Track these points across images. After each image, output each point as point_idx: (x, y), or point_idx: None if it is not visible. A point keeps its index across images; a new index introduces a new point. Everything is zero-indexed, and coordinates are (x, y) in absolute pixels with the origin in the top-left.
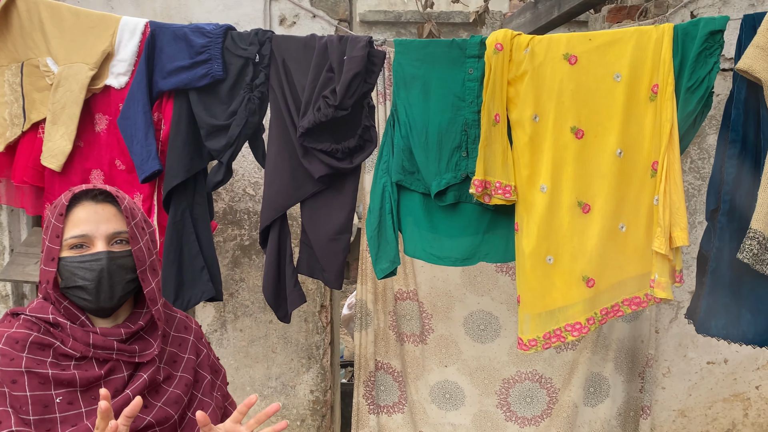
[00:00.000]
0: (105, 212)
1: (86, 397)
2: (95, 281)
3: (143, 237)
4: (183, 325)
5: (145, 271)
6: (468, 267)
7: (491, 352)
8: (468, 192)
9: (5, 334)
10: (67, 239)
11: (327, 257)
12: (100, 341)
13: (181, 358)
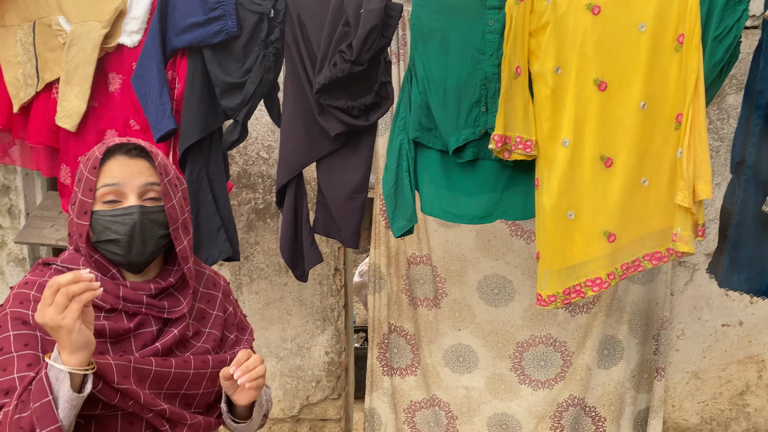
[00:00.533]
0: (138, 166)
1: (116, 349)
2: (127, 235)
3: (176, 194)
4: (212, 281)
5: (178, 229)
6: (482, 231)
7: (505, 316)
8: (487, 148)
9: (38, 282)
10: (99, 189)
11: (343, 216)
12: (130, 294)
13: (209, 315)
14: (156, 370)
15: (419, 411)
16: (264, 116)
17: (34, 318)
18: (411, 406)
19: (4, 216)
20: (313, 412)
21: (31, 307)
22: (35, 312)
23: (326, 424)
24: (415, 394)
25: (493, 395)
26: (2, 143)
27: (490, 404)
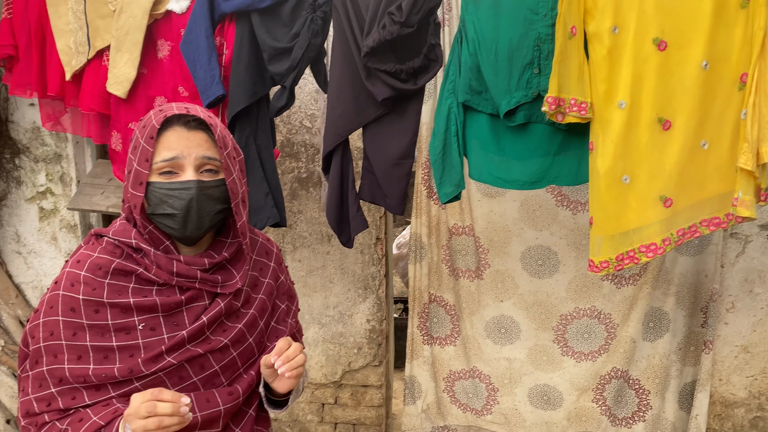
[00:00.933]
0: (197, 138)
1: (168, 322)
2: (184, 210)
3: (235, 167)
4: (265, 249)
5: (238, 204)
6: (527, 201)
7: (549, 288)
8: (539, 111)
9: (89, 260)
10: (156, 163)
11: (389, 183)
12: (184, 270)
13: (261, 283)
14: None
15: (458, 381)
16: (307, 85)
17: (83, 302)
18: (450, 375)
19: (56, 184)
20: (354, 378)
21: (81, 290)
22: (85, 295)
23: (367, 390)
24: (454, 364)
25: (535, 366)
26: (54, 111)
27: (531, 375)
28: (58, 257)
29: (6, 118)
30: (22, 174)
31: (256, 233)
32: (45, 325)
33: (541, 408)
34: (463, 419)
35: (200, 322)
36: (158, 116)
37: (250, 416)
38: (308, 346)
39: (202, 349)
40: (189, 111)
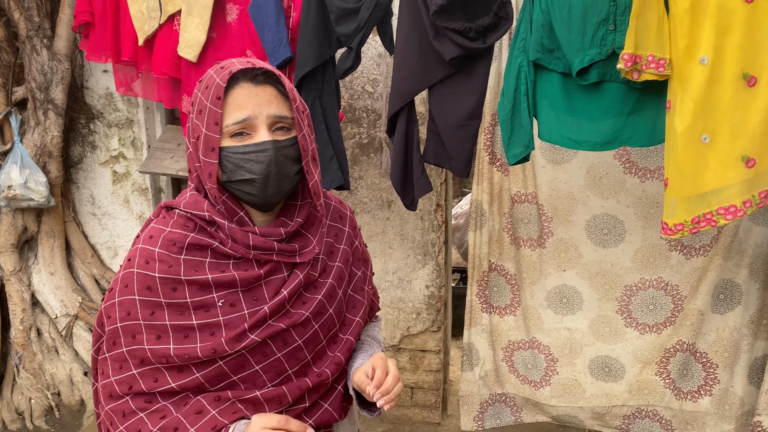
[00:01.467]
0: (266, 94)
1: (248, 297)
2: (263, 174)
3: (304, 123)
4: (338, 213)
5: (309, 161)
6: (593, 168)
7: (613, 257)
8: (614, 69)
9: (162, 236)
10: (228, 125)
11: (455, 144)
12: (260, 242)
13: (337, 250)
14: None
15: (517, 351)
16: (370, 49)
17: (159, 280)
18: (509, 345)
19: (128, 148)
20: (413, 343)
21: (157, 268)
22: (161, 273)
23: (426, 354)
24: (513, 333)
25: (596, 337)
26: (126, 77)
27: (592, 346)
28: (130, 219)
29: (81, 85)
30: (97, 139)
31: (327, 196)
32: (121, 304)
33: (602, 380)
34: (521, 390)
35: (281, 296)
36: (222, 74)
37: (339, 393)
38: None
39: (284, 323)
40: (254, 64)
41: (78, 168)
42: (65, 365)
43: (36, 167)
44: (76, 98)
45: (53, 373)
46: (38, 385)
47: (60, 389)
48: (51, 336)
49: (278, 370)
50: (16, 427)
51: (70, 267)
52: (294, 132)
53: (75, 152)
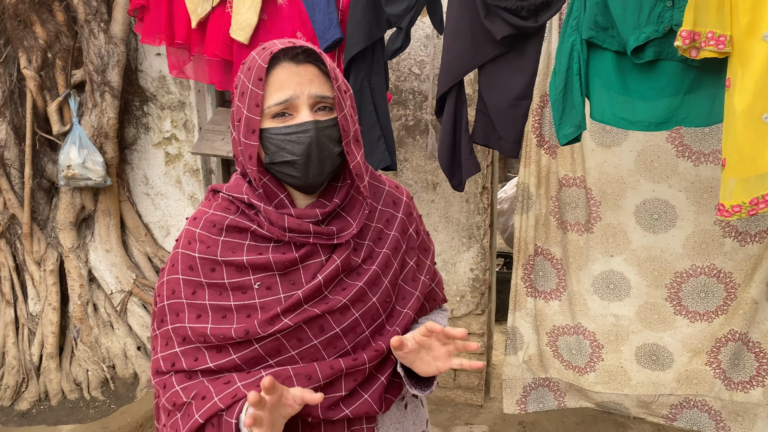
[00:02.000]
0: (308, 74)
1: (285, 281)
2: (304, 155)
3: (346, 102)
4: (392, 198)
5: (350, 142)
6: (644, 151)
7: (664, 243)
8: (670, 47)
9: (204, 217)
10: (269, 107)
11: (504, 124)
12: (295, 224)
13: (386, 236)
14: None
15: (562, 336)
16: (417, 30)
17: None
18: (554, 330)
19: (180, 130)
20: (457, 326)
21: (197, 248)
22: (200, 253)
23: (469, 338)
24: (558, 319)
25: (644, 325)
26: (179, 59)
27: (640, 334)
28: (182, 199)
29: (136, 68)
30: (150, 121)
31: (381, 180)
32: (168, 283)
33: (649, 368)
34: (565, 375)
35: (316, 281)
36: (263, 54)
37: (380, 384)
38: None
39: (320, 309)
40: (294, 44)
41: (132, 149)
42: (120, 339)
43: (93, 148)
44: (131, 81)
45: (108, 346)
46: (95, 357)
47: (115, 362)
48: (106, 311)
49: (315, 358)
50: (75, 397)
51: (125, 245)
52: (335, 112)
53: (129, 134)
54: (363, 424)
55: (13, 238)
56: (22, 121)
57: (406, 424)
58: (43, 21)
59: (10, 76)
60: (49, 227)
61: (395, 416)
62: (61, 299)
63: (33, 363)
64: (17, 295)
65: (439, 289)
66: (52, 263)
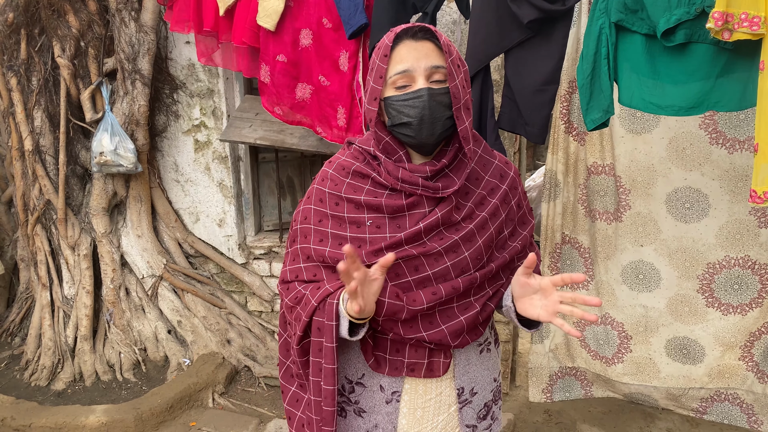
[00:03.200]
0: (424, 48)
1: (392, 224)
2: (418, 117)
3: (458, 74)
4: (500, 172)
5: (460, 108)
6: (676, 138)
7: (696, 233)
8: (702, 29)
9: (337, 161)
10: (391, 77)
11: (531, 110)
12: (407, 176)
13: (488, 202)
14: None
15: (589, 326)
16: (444, 16)
17: (328, 195)
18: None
19: (209, 117)
20: None
21: (327, 185)
22: (330, 189)
23: (495, 326)
24: (585, 308)
25: (674, 317)
26: (207, 47)
27: (670, 327)
28: (210, 186)
29: (166, 56)
30: (180, 108)
31: (493, 155)
32: (303, 212)
33: (679, 361)
34: (592, 365)
35: (417, 227)
36: (389, 36)
37: (459, 322)
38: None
39: (417, 251)
40: (416, 24)
41: (163, 136)
42: (151, 323)
43: (125, 135)
44: (161, 69)
45: (140, 329)
46: (127, 340)
47: (146, 345)
48: (138, 295)
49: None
50: (108, 378)
51: (156, 230)
52: (448, 82)
53: (160, 121)
54: (441, 356)
55: (48, 223)
56: (57, 108)
57: (480, 368)
58: (75, 10)
59: (45, 64)
60: (83, 213)
61: (471, 358)
62: (95, 283)
63: (68, 345)
64: (53, 278)
65: (538, 257)
66: (85, 248)
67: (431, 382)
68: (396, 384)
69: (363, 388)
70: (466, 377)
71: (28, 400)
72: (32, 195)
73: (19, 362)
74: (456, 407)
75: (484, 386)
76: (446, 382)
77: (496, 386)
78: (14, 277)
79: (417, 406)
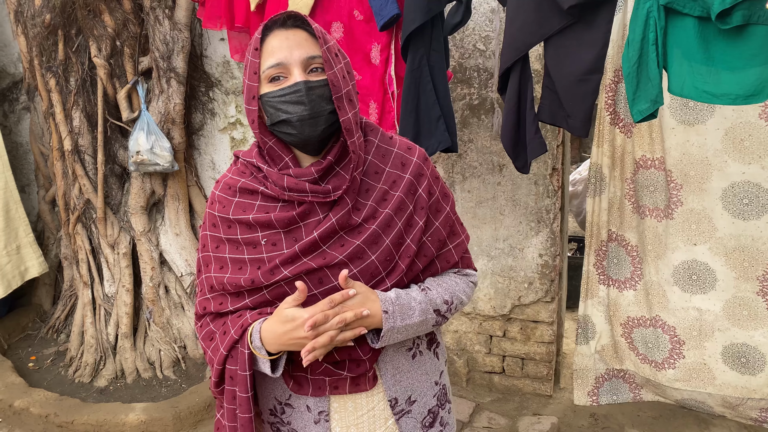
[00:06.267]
0: (297, 37)
1: (288, 238)
2: (297, 114)
3: (337, 63)
4: (401, 160)
5: (341, 98)
6: (733, 129)
7: (756, 231)
8: (762, 9)
9: (223, 180)
10: (264, 71)
11: (573, 101)
12: (293, 183)
13: (391, 197)
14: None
15: (637, 329)
16: (482, 4)
17: (219, 219)
18: (628, 321)
19: (244, 115)
20: (524, 313)
21: (216, 208)
22: (219, 213)
23: (538, 326)
24: (633, 310)
25: (732, 322)
26: (241, 43)
27: (727, 332)
28: None
29: (201, 53)
30: (216, 106)
31: (391, 142)
32: (201, 239)
33: (737, 370)
34: (641, 369)
35: (311, 237)
36: (259, 28)
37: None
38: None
39: (316, 263)
40: (285, 12)
41: (199, 134)
42: (190, 321)
43: (161, 133)
44: (196, 67)
45: (179, 327)
46: (166, 338)
47: (186, 343)
48: (177, 293)
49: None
50: (148, 376)
51: (194, 229)
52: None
53: (196, 119)
54: (364, 368)
55: (88, 222)
56: (94, 108)
57: (414, 373)
58: (111, 10)
59: (82, 65)
60: (122, 212)
61: (401, 365)
62: (134, 281)
63: (110, 342)
64: (93, 277)
65: (457, 251)
66: (125, 246)
67: (360, 398)
68: (322, 403)
69: (292, 409)
70: (399, 386)
71: (72, 396)
72: (72, 194)
73: (63, 359)
74: (393, 420)
75: (423, 392)
76: (377, 396)
77: (439, 389)
78: (59, 274)
79: (349, 424)
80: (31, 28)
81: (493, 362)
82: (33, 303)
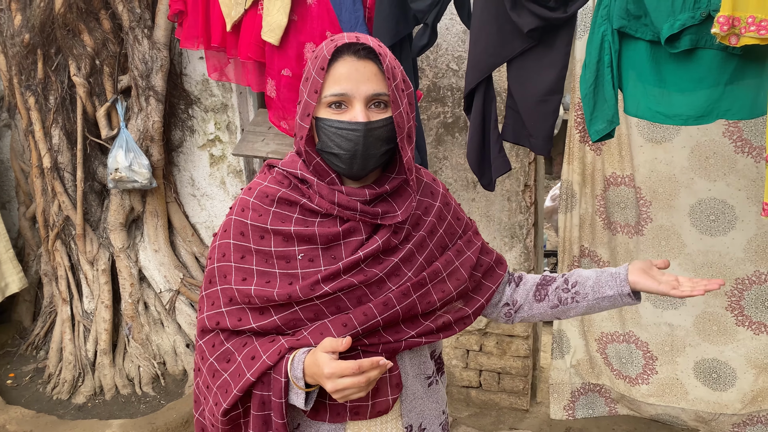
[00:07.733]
0: (366, 71)
1: (326, 255)
2: (350, 152)
3: (402, 100)
4: (430, 190)
5: (404, 138)
6: (699, 147)
7: (722, 247)
8: (708, 34)
9: (258, 188)
10: (326, 96)
11: (535, 120)
12: (345, 200)
13: (423, 221)
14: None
15: (611, 344)
16: (455, 25)
17: (251, 227)
18: (602, 337)
19: (223, 132)
20: (500, 327)
21: (249, 216)
22: (252, 221)
23: (513, 340)
24: (606, 325)
25: (702, 337)
26: (219, 62)
27: (698, 347)
28: (226, 200)
29: (180, 72)
30: (195, 123)
31: (422, 173)
32: (219, 247)
33: (709, 386)
34: (616, 385)
35: (356, 255)
36: (329, 46)
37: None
38: None
39: (357, 279)
40: (359, 39)
41: (179, 151)
42: (169, 337)
43: (139, 151)
44: (176, 85)
45: (159, 343)
46: (146, 354)
47: (165, 359)
48: (156, 309)
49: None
50: (127, 392)
51: (173, 245)
52: (390, 111)
53: (176, 136)
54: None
55: (67, 239)
56: (74, 126)
57: (427, 401)
58: (90, 29)
59: (62, 83)
60: (101, 228)
61: (418, 392)
62: (114, 297)
63: (88, 358)
64: (73, 293)
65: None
66: (104, 263)
67: (376, 424)
68: (337, 430)
69: None
70: (414, 413)
71: (50, 413)
72: (52, 211)
73: (42, 375)
74: None
75: (432, 420)
76: (393, 422)
77: (444, 419)
78: (39, 291)
79: None
80: (11, 47)
81: (470, 377)
82: (13, 320)
